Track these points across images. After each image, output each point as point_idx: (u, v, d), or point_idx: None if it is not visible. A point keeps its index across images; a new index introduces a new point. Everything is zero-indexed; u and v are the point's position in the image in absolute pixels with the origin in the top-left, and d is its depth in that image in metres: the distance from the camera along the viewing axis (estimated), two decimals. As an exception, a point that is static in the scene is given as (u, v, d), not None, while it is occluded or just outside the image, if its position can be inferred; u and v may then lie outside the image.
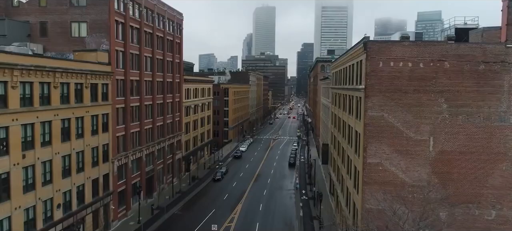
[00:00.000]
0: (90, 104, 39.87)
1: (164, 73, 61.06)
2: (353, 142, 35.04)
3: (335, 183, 51.86)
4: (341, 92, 45.69)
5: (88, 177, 39.93)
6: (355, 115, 34.43)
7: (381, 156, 29.62)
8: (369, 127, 29.54)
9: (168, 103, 63.87)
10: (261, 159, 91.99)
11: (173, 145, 65.93)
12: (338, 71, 50.14)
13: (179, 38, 68.09)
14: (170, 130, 64.96)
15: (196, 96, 79.60)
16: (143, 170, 53.88)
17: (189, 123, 75.53)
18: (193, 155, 78.08)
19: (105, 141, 43.30)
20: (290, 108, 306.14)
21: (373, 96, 29.36)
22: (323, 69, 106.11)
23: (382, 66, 29.09)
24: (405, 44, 28.97)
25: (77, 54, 41.64)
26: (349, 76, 38.66)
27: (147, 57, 55.06)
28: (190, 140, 76.32)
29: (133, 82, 50.66)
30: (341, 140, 45.30)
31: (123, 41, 47.48)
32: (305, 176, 75.44)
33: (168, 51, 63.20)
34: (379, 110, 29.39)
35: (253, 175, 74.91)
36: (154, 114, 57.15)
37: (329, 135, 62.68)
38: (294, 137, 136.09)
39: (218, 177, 70.33)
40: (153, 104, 56.92)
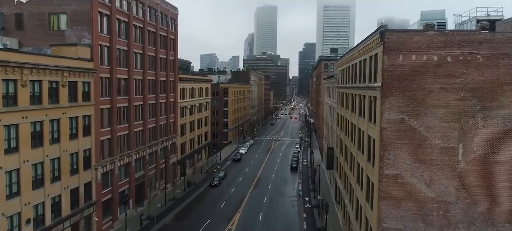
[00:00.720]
0: (68, 105, 35.46)
1: (157, 72, 56.65)
2: (365, 149, 30.51)
3: (341, 191, 47.34)
4: (349, 92, 41.17)
5: (65, 186, 35.52)
6: (368, 118, 29.90)
7: (401, 166, 25.07)
8: (386, 132, 25.01)
9: (161, 104, 59.46)
10: (262, 162, 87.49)
11: (167, 148, 61.52)
12: (345, 69, 45.61)
13: (174, 34, 63.69)
14: (164, 132, 60.55)
15: (193, 96, 75.19)
16: (132, 176, 49.47)
17: (185, 125, 71.12)
18: (189, 158, 73.67)
19: (87, 146, 38.89)
20: (292, 108, 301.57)
21: (391, 96, 24.84)
22: (326, 68, 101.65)
23: (402, 60, 24.56)
24: (429, 33, 24.42)
25: (54, 49, 37.24)
26: (360, 73, 34.13)
27: (137, 54, 50.65)
28: (186, 142, 71.92)
29: (120, 80, 46.26)
30: (349, 145, 40.76)
31: (109, 36, 43.08)
32: (309, 181, 70.90)
33: (161, 48, 58.80)
34: (398, 113, 24.86)
35: (253, 180, 70.43)
36: (145, 116, 52.74)
37: (334, 137, 58.13)
38: (296, 138, 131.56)
39: (215, 182, 65.89)
40: (144, 104, 52.52)
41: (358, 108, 35.13)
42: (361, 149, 33.21)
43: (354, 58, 36.90)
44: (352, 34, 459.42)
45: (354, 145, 37.80)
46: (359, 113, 34.50)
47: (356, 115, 36.04)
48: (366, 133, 30.37)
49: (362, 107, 32.81)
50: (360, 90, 33.29)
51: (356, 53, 35.01)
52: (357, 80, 35.62)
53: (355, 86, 36.12)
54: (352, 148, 38.98)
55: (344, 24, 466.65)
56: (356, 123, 36.20)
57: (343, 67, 47.46)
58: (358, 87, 34.68)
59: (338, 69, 53.19)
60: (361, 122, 33.31)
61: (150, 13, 54.15)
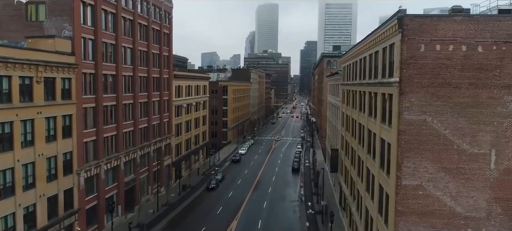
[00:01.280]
0: (44, 104, 31.80)
1: (149, 68, 52.96)
2: (378, 154, 26.76)
3: (347, 197, 43.63)
4: (356, 89, 37.40)
5: (41, 194, 31.89)
6: (380, 118, 26.15)
7: (422, 176, 21.32)
8: (405, 136, 21.25)
9: (154, 102, 55.78)
10: (262, 163, 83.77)
11: (161, 149, 57.86)
12: (351, 64, 41.85)
13: (168, 28, 59.96)
14: (157, 133, 56.89)
15: (189, 95, 71.50)
16: (121, 180, 45.83)
17: (181, 124, 67.44)
18: (185, 160, 70.02)
19: (67, 149, 35.25)
20: (293, 107, 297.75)
21: (411, 93, 21.07)
22: (329, 65, 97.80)
23: (425, 51, 20.80)
24: (457, 19, 20.63)
25: (30, 42, 33.60)
26: (370, 68, 30.37)
27: (127, 49, 46.97)
28: (182, 143, 68.25)
29: (107, 77, 42.59)
30: (356, 148, 37.02)
31: (93, 28, 39.38)
32: (311, 183, 67.20)
33: (154, 43, 55.08)
34: (419, 113, 21.10)
35: (252, 182, 66.75)
36: (135, 115, 49.07)
37: (338, 138, 54.38)
38: (297, 137, 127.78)
39: (212, 185, 62.21)
40: (134, 103, 48.84)
41: (368, 108, 31.38)
42: (372, 154, 29.47)
43: (363, 52, 33.12)
44: (354, 32, 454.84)
45: (362, 148, 34.07)
46: (369, 113, 30.75)
47: (365, 115, 32.29)
48: (379, 136, 26.61)
49: (373, 106, 29.06)
50: (371, 87, 29.52)
51: (366, 45, 31.23)
52: (366, 76, 31.86)
53: (364, 83, 32.36)
54: (360, 151, 35.25)
55: (345, 22, 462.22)
56: (365, 124, 32.46)
57: (349, 62, 43.69)
58: (367, 84, 30.92)
59: (343, 65, 49.41)
60: (371, 123, 29.56)
61: (141, 5, 50.41)
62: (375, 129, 28.09)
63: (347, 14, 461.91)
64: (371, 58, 29.83)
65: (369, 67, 30.81)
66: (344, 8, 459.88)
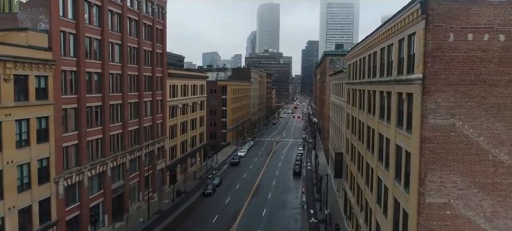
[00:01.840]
0: (13, 105, 28.28)
1: (140, 66, 49.40)
2: (393, 163, 23.10)
3: (353, 206, 40.01)
4: (364, 88, 33.77)
5: (11, 206, 28.37)
6: (396, 122, 22.51)
7: (450, 192, 17.70)
8: (429, 144, 17.62)
9: (146, 103, 52.26)
10: (262, 166, 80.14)
11: (154, 153, 54.31)
12: (358, 61, 38.23)
13: (161, 24, 56.37)
14: (149, 135, 53.36)
15: (185, 94, 67.96)
16: (108, 187, 42.29)
17: (176, 126, 63.90)
18: (181, 163, 66.48)
19: (43, 154, 31.73)
20: (294, 107, 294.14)
21: (437, 92, 17.44)
22: (332, 64, 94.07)
23: (454, 41, 17.17)
24: (494, 2, 16.98)
25: (0, 35, 30.05)
26: (382, 64, 26.74)
27: (114, 45, 43.42)
28: (177, 145, 64.71)
29: (92, 75, 39.05)
30: (365, 154, 33.38)
31: (75, 21, 35.83)
32: (313, 188, 63.55)
33: (146, 39, 51.56)
34: (447, 116, 17.47)
35: (251, 187, 63.13)
36: (125, 117, 45.53)
37: (343, 142, 50.75)
38: (299, 139, 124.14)
39: (208, 191, 58.61)
40: (123, 104, 45.31)
41: (379, 109, 27.75)
42: (384, 162, 25.83)
43: (373, 46, 29.49)
44: (356, 31, 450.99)
45: (371, 154, 30.45)
46: (381, 115, 27.11)
47: (375, 117, 28.67)
48: (393, 142, 22.96)
49: (386, 107, 25.42)
50: (383, 86, 25.88)
51: (377, 38, 27.58)
52: (377, 74, 28.23)
53: (375, 81, 28.72)
54: (369, 157, 31.62)
55: (348, 22, 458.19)
56: (375, 127, 28.82)
57: (355, 59, 40.05)
58: (379, 82, 27.28)
59: (349, 63, 45.78)
60: (383, 127, 25.91)
61: (131, -2, 46.92)
62: (388, 133, 24.44)
63: (349, 13, 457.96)
64: (384, 52, 26.19)
65: (381, 64, 27.18)
66: (345, 7, 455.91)
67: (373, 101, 30.28)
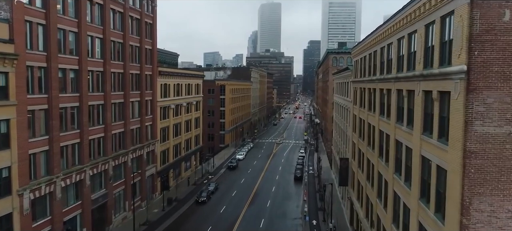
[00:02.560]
0: (-39, 106, 23.88)
1: (126, 63, 44.96)
2: (417, 180, 18.53)
3: (361, 220, 35.45)
4: (376, 87, 29.24)
5: (-42, 226, 23.98)
6: (422, 128, 17.97)
7: (505, 225, 13.14)
8: (476, 160, 13.06)
9: (134, 103, 47.84)
10: (261, 170, 75.60)
11: (142, 157, 49.88)
12: (368, 57, 33.70)
13: (151, 18, 51.91)
14: (137, 139, 48.93)
15: (179, 94, 63.52)
16: (87, 198, 37.83)
17: (168, 128, 59.45)
18: (173, 168, 62.04)
19: (3, 164, 27.30)
20: (296, 107, 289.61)
21: (487, 91, 12.90)
22: (335, 62, 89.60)
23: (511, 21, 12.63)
24: None
25: (-50, 24, 25.68)
26: (401, 56, 22.20)
27: (95, 38, 38.96)
28: (170, 149, 60.26)
29: (66, 72, 34.60)
30: (377, 163, 28.83)
31: (44, 10, 31.40)
32: (316, 195, 59.00)
33: (133, 34, 47.13)
34: (501, 122, 12.93)
35: (249, 194, 58.61)
36: (107, 119, 41.09)
37: (349, 146, 46.20)
38: (300, 140, 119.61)
39: (202, 199, 54.10)
40: (105, 104, 40.87)
41: (396, 111, 23.22)
42: (404, 176, 21.27)
43: (388, 37, 24.95)
44: (358, 31, 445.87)
45: (385, 164, 25.91)
46: (399, 118, 22.57)
47: (391, 121, 24.12)
48: (418, 154, 18.41)
49: (406, 109, 20.87)
50: (403, 83, 21.31)
51: (393, 27, 23.02)
52: (393, 69, 23.67)
53: (390, 78, 24.14)
54: (381, 167, 27.08)
55: (349, 21, 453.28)
56: (390, 132, 24.27)
57: (364, 54, 35.50)
58: (396, 79, 22.71)
59: (356, 59, 41.21)
60: (403, 133, 21.36)
61: (115, -13, 42.50)
62: (410, 142, 19.88)
63: (351, 12, 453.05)
64: (402, 43, 21.66)
65: (398, 57, 22.64)
66: (348, 6, 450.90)
67: (388, 102, 25.75)
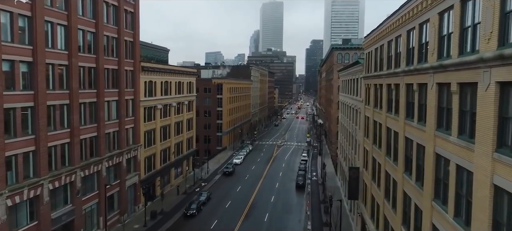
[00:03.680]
0: None
1: (99, 56, 38.53)
2: (488, 217, 11.94)
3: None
4: (401, 82, 22.64)
5: None
6: (495, 144, 11.35)
7: None
8: None
9: (110, 103, 41.43)
10: (260, 177, 69.05)
11: (121, 165, 43.50)
12: (386, 45, 27.13)
13: (132, 6, 45.48)
14: (115, 144, 42.56)
15: (168, 93, 57.08)
16: (45, 217, 31.41)
17: (154, 131, 53.00)
18: (161, 175, 55.59)
19: None
20: (298, 107, 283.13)
21: None
22: (340, 59, 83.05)
23: None
24: None
25: None
26: (443, 37, 15.61)
27: (55, 26, 32.52)
28: (156, 154, 53.80)
29: (15, 65, 28.22)
30: (401, 180, 22.22)
31: (-20, -14, 25.06)
32: (320, 207, 52.39)
33: (109, 23, 40.74)
34: None
35: (244, 206, 52.06)
36: (73, 121, 34.67)
37: (359, 153, 39.61)
38: (303, 142, 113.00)
39: (191, 211, 47.57)
40: (71, 104, 34.45)
41: (436, 115, 16.65)
42: (454, 208, 14.68)
43: (420, 15, 18.37)
44: (361, 30, 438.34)
45: (416, 183, 19.34)
46: (441, 125, 16.00)
47: (428, 128, 17.56)
48: (489, 182, 11.81)
49: (458, 112, 14.29)
50: (451, 74, 14.72)
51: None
52: (432, 55, 17.08)
53: (426, 68, 17.56)
54: (409, 186, 20.49)
55: (352, 20, 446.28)
56: (426, 143, 17.69)
57: (381, 43, 28.91)
58: (434, 70, 16.14)
59: (368, 51, 34.61)
60: (452, 147, 14.77)
61: (84, -33, 36.07)
62: (468, 160, 13.29)
63: (354, 11, 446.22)
64: (446, 19, 15.09)
65: (440, 38, 16.08)
66: (351, 4, 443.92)
67: (420, 101, 19.18)
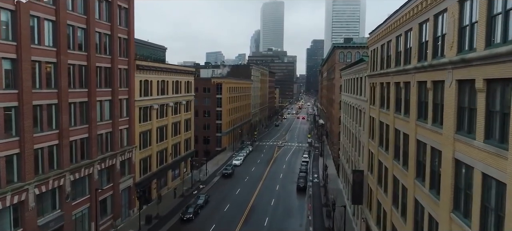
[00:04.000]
0: None
1: (91, 54, 36.70)
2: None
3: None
4: (413, 80, 20.77)
5: None
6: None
7: None
8: None
9: (103, 103, 39.61)
10: (260, 179, 67.19)
11: (115, 168, 41.68)
12: (394, 41, 25.25)
13: (126, 1, 43.64)
14: (108, 145, 40.74)
15: (165, 93, 55.25)
16: (30, 224, 29.57)
17: (150, 132, 51.15)
18: (157, 177, 53.74)
19: None
20: (299, 107, 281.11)
21: None
22: (342, 58, 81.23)
23: None
24: None
25: None
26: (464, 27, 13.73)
27: (42, 20, 30.70)
28: (152, 156, 51.95)
29: (-3, 62, 26.44)
30: (413, 187, 20.33)
31: (-43, -24, 23.23)
32: (322, 210, 50.53)
33: (102, 19, 38.91)
34: None
35: (244, 209, 50.21)
36: (62, 122, 32.84)
37: (364, 155, 37.71)
38: (304, 143, 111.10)
39: (188, 216, 45.71)
40: (60, 104, 32.61)
41: (455, 116, 14.77)
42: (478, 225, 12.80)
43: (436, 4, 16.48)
44: (362, 29, 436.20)
45: (430, 191, 17.48)
46: (462, 127, 14.11)
47: (446, 130, 15.69)
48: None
49: (484, 112, 12.42)
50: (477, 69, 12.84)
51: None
52: (453, 48, 15.19)
53: (444, 64, 15.68)
54: (422, 194, 18.62)
55: (354, 20, 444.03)
56: (444, 147, 15.80)
57: (388, 39, 27.04)
58: (454, 65, 14.25)
59: (375, 47, 32.72)
60: (477, 153, 12.89)
61: (74, -41, 34.24)
62: (496, 168, 11.41)
63: (355, 11, 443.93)
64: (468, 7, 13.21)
65: (460, 29, 14.20)
66: (351, 4, 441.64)
67: (435, 100, 17.32)
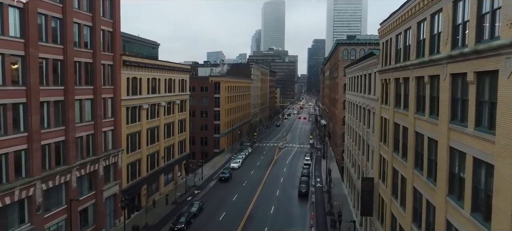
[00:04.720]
0: None
1: (67, 47, 32.73)
2: None
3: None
4: (445, 72, 16.76)
5: None
6: None
7: None
8: None
9: (83, 102, 35.64)
10: (259, 183, 63.19)
11: (97, 173, 37.71)
12: (416, 26, 21.21)
13: (111, -10, 39.72)
14: (89, 149, 36.77)
15: (156, 91, 51.28)
16: (-8, 241, 25.71)
17: (140, 133, 47.20)
18: (148, 183, 49.73)
19: None
20: (300, 107, 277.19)
21: None
22: (346, 55, 77.07)
23: None
24: None
25: None
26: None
27: (5, 7, 26.71)
28: (142, 159, 47.98)
29: None
30: (444, 206, 16.27)
31: None
32: (325, 219, 46.47)
33: (81, 9, 34.94)
34: None
35: (241, 217, 46.20)
36: (31, 124, 28.88)
37: (374, 161, 33.64)
38: (305, 144, 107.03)
39: (179, 226, 41.70)
40: (29, 103, 28.66)
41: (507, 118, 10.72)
42: None
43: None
44: (364, 29, 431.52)
45: (468, 212, 13.45)
46: None
47: (496, 138, 11.64)
48: None
49: None
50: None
51: None
52: (507, 27, 11.16)
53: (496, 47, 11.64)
54: (456, 215, 14.60)
55: (355, 19, 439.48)
56: (496, 161, 11.76)
57: (406, 26, 22.97)
58: None
59: (388, 38, 28.63)
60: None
61: None
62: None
63: (356, 10, 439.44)
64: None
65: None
66: (353, 3, 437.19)
67: (479, 98, 13.30)
